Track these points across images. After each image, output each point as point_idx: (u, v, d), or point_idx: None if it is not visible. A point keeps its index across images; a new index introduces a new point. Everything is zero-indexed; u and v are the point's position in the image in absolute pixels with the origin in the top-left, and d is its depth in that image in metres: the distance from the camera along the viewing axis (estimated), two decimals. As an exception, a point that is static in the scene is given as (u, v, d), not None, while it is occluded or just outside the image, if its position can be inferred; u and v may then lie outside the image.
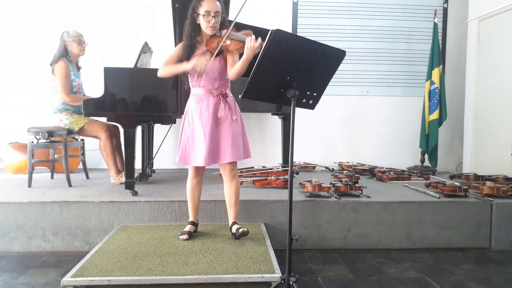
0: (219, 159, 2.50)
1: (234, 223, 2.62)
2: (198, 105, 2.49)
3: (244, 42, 2.30)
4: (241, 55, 2.36)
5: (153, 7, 4.65)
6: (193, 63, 2.37)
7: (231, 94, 2.58)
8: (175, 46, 3.36)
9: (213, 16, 2.38)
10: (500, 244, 3.05)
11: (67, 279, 2.01)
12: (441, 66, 4.53)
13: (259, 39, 2.24)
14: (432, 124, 4.56)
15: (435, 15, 4.58)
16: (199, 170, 2.62)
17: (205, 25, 2.40)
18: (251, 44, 2.24)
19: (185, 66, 2.41)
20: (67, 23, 4.34)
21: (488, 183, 3.31)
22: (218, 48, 2.38)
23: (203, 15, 2.38)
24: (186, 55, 2.46)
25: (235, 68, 2.38)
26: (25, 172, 3.82)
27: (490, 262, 2.81)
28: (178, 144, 2.58)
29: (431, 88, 4.56)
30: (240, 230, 2.51)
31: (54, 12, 4.60)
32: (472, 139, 4.61)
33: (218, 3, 2.41)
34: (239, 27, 2.48)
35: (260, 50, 2.20)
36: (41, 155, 4.12)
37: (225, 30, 2.38)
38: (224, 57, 2.48)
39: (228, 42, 2.37)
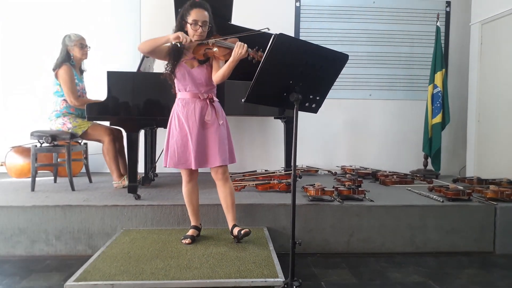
0: (208, 163, 2.52)
1: (234, 225, 2.61)
2: (185, 109, 2.50)
3: (230, 49, 2.38)
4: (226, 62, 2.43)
5: (155, 10, 4.67)
6: (175, 33, 2.38)
7: (217, 99, 2.61)
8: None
9: (200, 26, 2.43)
10: (504, 248, 3.04)
11: (70, 283, 2.01)
12: (444, 70, 4.53)
13: (246, 47, 2.31)
14: (435, 128, 4.55)
15: (438, 19, 4.58)
16: (192, 174, 2.63)
17: (192, 33, 2.44)
18: (239, 51, 2.30)
19: (168, 36, 2.40)
20: (67, 23, 4.38)
21: (492, 187, 3.29)
22: (205, 54, 2.46)
23: (191, 24, 2.43)
24: (172, 60, 2.50)
25: (220, 71, 2.44)
26: (28, 176, 3.83)
27: (494, 266, 2.79)
28: (164, 149, 2.57)
29: (434, 92, 4.55)
30: (242, 232, 2.51)
31: (54, 12, 4.61)
32: (475, 142, 4.60)
33: (206, 13, 2.46)
34: (240, 31, 2.50)
35: (259, 57, 2.27)
36: (44, 159, 4.14)
37: (212, 38, 2.44)
38: (210, 63, 2.54)
39: (215, 49, 2.43)
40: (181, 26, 2.48)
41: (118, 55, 4.62)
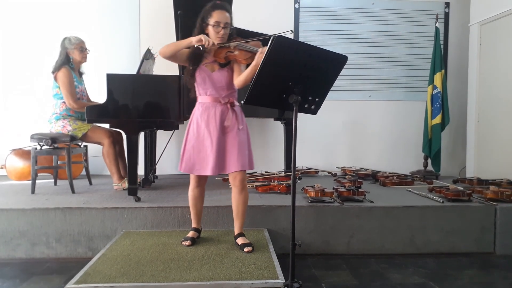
0: (226, 168, 2.47)
1: (239, 234, 2.59)
2: (205, 113, 2.46)
3: (252, 53, 2.33)
4: (248, 65, 2.37)
5: (154, 12, 4.68)
6: (199, 36, 2.31)
7: (238, 104, 2.56)
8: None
9: (222, 27, 2.37)
10: (504, 248, 3.03)
11: (71, 285, 2.01)
12: (443, 71, 4.53)
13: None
14: (435, 129, 4.55)
15: (437, 19, 4.59)
16: (201, 180, 2.60)
17: (214, 35, 2.38)
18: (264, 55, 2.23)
19: (191, 39, 2.33)
20: (67, 24, 4.38)
21: (492, 187, 3.29)
22: (226, 58, 2.40)
23: (213, 26, 2.37)
24: (193, 64, 2.45)
25: (242, 76, 2.38)
26: (28, 178, 3.83)
27: (495, 267, 2.79)
28: (181, 152, 2.54)
29: (434, 93, 4.56)
30: (245, 250, 2.47)
31: (54, 12, 4.62)
32: (475, 143, 4.60)
33: (228, 14, 2.40)
34: (245, 35, 2.48)
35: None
36: (45, 161, 4.14)
37: (233, 41, 2.38)
38: (231, 67, 2.48)
39: (236, 52, 2.38)
40: (201, 28, 2.41)
41: (117, 57, 4.63)
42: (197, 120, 2.49)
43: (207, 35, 2.39)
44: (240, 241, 2.55)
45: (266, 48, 2.18)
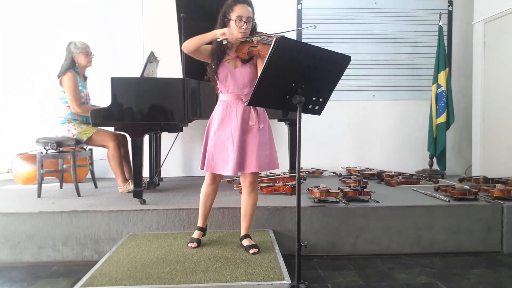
0: (244, 168, 2.42)
1: (245, 236, 2.59)
2: (227, 112, 2.42)
3: None
4: None
5: (157, 14, 4.69)
6: (222, 29, 2.29)
7: None
8: (181, 55, 3.40)
9: (245, 22, 2.33)
10: (511, 247, 3.02)
11: (77, 288, 2.02)
12: (447, 69, 4.52)
13: None
14: (440, 127, 4.53)
15: (440, 18, 4.57)
16: (216, 178, 2.57)
17: (237, 30, 2.32)
18: None
19: (215, 31, 2.30)
20: (67, 24, 4.39)
21: (498, 186, 3.28)
22: (249, 53, 2.35)
23: (235, 20, 2.33)
24: (216, 60, 2.41)
25: None
26: (34, 182, 3.85)
27: (502, 266, 2.77)
28: (202, 151, 2.50)
29: (438, 91, 4.54)
30: (251, 251, 2.47)
31: (54, 12, 4.63)
32: (480, 141, 4.58)
33: (250, 8, 2.37)
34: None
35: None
36: (50, 165, 4.17)
37: (256, 36, 2.34)
38: (254, 63, 2.44)
39: (259, 46, 2.32)
40: (223, 24, 2.38)
41: (119, 60, 4.64)
42: (218, 118, 2.44)
43: None
44: (245, 242, 2.55)
45: None
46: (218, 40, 2.33)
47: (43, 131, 3.90)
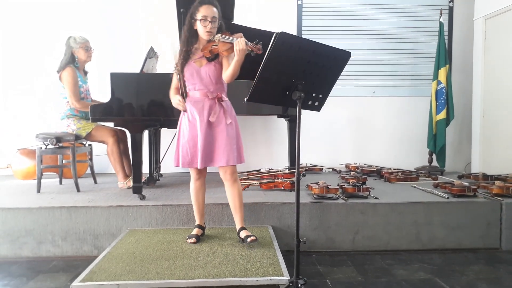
0: (213, 162, 2.52)
1: (241, 228, 2.60)
2: (194, 108, 2.51)
3: (231, 43, 2.35)
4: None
5: (156, 9, 4.67)
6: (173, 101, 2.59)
7: (227, 99, 2.60)
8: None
9: (209, 21, 2.43)
10: (510, 244, 3.02)
11: (77, 283, 2.03)
12: (447, 66, 4.51)
13: (244, 40, 2.29)
14: (440, 124, 4.53)
15: (441, 14, 4.56)
16: (201, 173, 2.64)
17: (202, 30, 2.45)
18: (239, 46, 2.28)
19: (172, 100, 2.60)
20: (67, 24, 4.38)
21: (498, 183, 3.28)
22: (211, 51, 2.44)
23: (200, 20, 2.43)
24: (182, 61, 2.50)
25: (228, 70, 2.42)
26: (34, 178, 3.85)
27: (501, 263, 2.78)
28: (175, 148, 2.59)
29: (438, 88, 4.53)
30: (249, 240, 2.49)
31: (54, 12, 4.61)
32: (480, 138, 4.57)
33: (215, 9, 2.47)
34: (242, 30, 2.49)
35: (258, 50, 2.27)
36: (50, 160, 4.17)
37: (218, 35, 2.43)
38: (219, 61, 2.53)
39: (219, 45, 2.41)
40: (190, 25, 2.49)
41: (117, 56, 4.63)
42: (187, 115, 2.54)
43: (196, 31, 2.48)
44: (243, 234, 2.57)
45: (242, 39, 2.29)
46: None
47: (38, 127, 3.89)
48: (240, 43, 2.28)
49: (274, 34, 1.82)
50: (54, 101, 3.94)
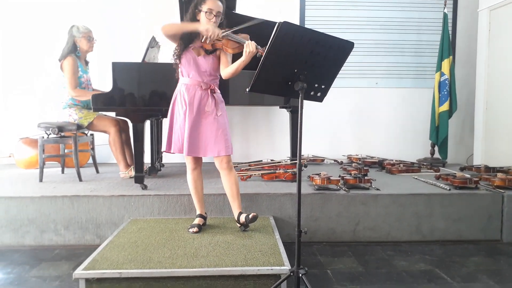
0: (201, 151, 2.53)
1: (240, 213, 2.62)
2: (185, 95, 2.51)
3: (240, 44, 2.36)
4: (236, 56, 2.41)
5: (157, 11, 4.62)
6: (206, 26, 2.39)
7: (218, 91, 2.61)
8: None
9: (214, 15, 2.43)
10: (511, 236, 3.02)
11: (79, 272, 2.04)
12: (451, 57, 4.48)
13: (255, 44, 2.29)
14: (442, 116, 4.51)
15: (445, 5, 4.51)
16: (197, 162, 2.65)
17: (206, 22, 2.43)
18: (249, 49, 2.28)
19: (197, 26, 2.41)
20: (67, 23, 4.34)
21: (499, 175, 3.27)
22: (212, 45, 2.44)
23: (206, 12, 2.42)
24: (182, 45, 2.49)
25: (230, 68, 2.43)
26: (36, 167, 3.86)
27: (501, 255, 2.79)
28: (167, 134, 2.59)
29: (441, 80, 4.51)
30: (250, 216, 2.52)
31: (54, 12, 4.58)
32: (482, 130, 4.55)
33: (220, 3, 2.47)
34: (244, 20, 2.47)
35: (257, 54, 2.27)
36: (52, 150, 4.17)
37: (223, 30, 2.41)
38: (217, 55, 2.53)
39: (223, 40, 2.41)
40: (193, 14, 2.47)
41: (118, 56, 4.57)
42: (181, 101, 2.54)
43: (198, 21, 2.46)
44: (242, 217, 2.58)
45: (252, 42, 2.29)
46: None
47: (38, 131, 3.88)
48: (250, 45, 2.28)
49: (277, 24, 1.80)
50: (54, 102, 3.93)
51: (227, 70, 2.46)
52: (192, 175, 2.67)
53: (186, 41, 2.49)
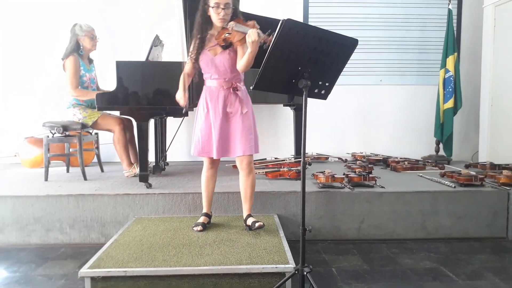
0: (230, 152, 2.52)
1: (248, 215, 2.62)
2: (210, 98, 2.50)
3: (244, 34, 2.29)
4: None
5: (157, 11, 4.62)
6: (177, 94, 2.53)
7: (243, 87, 2.57)
8: (186, 38, 3.38)
9: (222, 8, 2.37)
10: (517, 233, 3.01)
11: (85, 270, 2.05)
12: (455, 54, 4.45)
13: (256, 32, 2.23)
14: (447, 113, 4.49)
15: (450, 1, 4.48)
16: (214, 162, 2.64)
17: (215, 17, 2.40)
18: (251, 38, 2.23)
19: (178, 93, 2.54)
20: (67, 23, 4.35)
21: (505, 172, 3.25)
22: (225, 40, 2.38)
23: (213, 7, 2.38)
24: (197, 49, 2.46)
25: (242, 61, 2.39)
26: (41, 166, 3.88)
27: (507, 252, 2.77)
28: (194, 137, 2.59)
29: (446, 76, 4.48)
30: (257, 224, 2.51)
31: (54, 12, 4.59)
32: (488, 127, 4.53)
33: None
34: (248, 18, 2.45)
35: (270, 42, 2.17)
36: (57, 149, 4.19)
37: (232, 22, 2.35)
38: (234, 49, 2.46)
39: (232, 34, 2.35)
40: (204, 11, 2.44)
41: (118, 56, 4.56)
42: (203, 104, 2.54)
43: (209, 17, 2.43)
44: (250, 220, 2.58)
45: (253, 30, 2.22)
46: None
47: (38, 126, 3.90)
48: (252, 34, 2.22)
49: (281, 21, 1.80)
50: (54, 102, 3.94)
51: (240, 63, 2.41)
52: (207, 173, 2.67)
53: (200, 44, 2.45)
